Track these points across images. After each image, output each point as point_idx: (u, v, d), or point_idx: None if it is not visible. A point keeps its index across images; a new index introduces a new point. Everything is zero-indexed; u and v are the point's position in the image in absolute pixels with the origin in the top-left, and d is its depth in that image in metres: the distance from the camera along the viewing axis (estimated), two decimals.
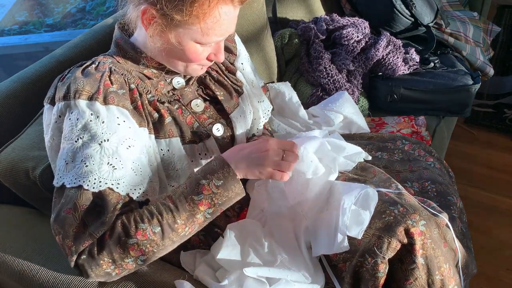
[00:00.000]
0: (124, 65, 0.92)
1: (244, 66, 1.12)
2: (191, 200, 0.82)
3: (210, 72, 1.04)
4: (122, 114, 0.85)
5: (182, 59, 0.90)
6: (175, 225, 0.81)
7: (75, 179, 0.79)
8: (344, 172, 1.07)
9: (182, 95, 0.98)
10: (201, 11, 0.80)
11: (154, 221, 0.80)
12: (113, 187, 0.80)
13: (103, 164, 0.80)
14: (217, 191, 0.83)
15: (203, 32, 0.84)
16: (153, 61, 0.93)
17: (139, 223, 0.79)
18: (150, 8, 0.82)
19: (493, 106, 2.37)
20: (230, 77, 1.07)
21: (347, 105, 1.43)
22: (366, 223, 0.85)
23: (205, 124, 0.98)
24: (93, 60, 0.91)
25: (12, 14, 3.02)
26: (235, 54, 1.12)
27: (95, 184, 0.79)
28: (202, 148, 0.96)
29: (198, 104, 0.99)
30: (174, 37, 0.85)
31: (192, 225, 0.83)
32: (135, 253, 0.79)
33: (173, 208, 0.81)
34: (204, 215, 0.83)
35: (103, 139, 0.81)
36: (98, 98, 0.83)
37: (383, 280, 0.88)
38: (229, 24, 0.86)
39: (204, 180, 0.83)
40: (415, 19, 1.81)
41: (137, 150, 0.85)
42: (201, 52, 0.89)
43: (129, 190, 0.83)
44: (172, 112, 0.94)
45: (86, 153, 0.80)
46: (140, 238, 0.79)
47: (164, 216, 0.80)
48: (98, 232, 0.78)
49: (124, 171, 0.82)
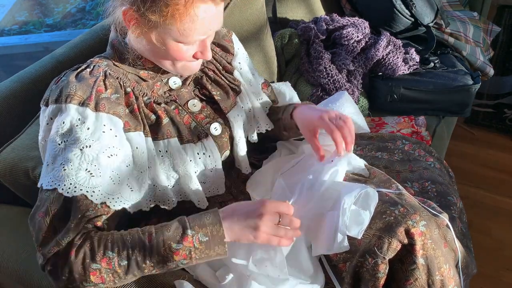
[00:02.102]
0: (120, 68, 0.91)
1: (241, 66, 1.11)
2: (168, 247, 0.77)
3: (207, 72, 1.03)
4: (111, 121, 0.84)
5: (167, 58, 0.89)
6: (143, 264, 0.77)
7: (52, 182, 0.79)
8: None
9: (178, 95, 0.98)
10: (177, 12, 0.78)
11: (123, 254, 0.77)
12: (88, 194, 0.79)
13: (81, 170, 0.79)
14: (199, 247, 0.78)
15: (181, 32, 0.82)
16: (148, 62, 0.92)
17: (107, 250, 0.76)
18: (129, 9, 0.81)
19: (493, 106, 2.37)
20: (227, 76, 1.07)
21: (347, 105, 1.42)
22: (366, 223, 0.85)
23: (203, 124, 0.98)
24: (89, 63, 0.90)
25: (12, 14, 3.02)
26: (232, 54, 1.11)
27: (70, 189, 0.78)
28: (200, 148, 0.96)
29: (195, 104, 0.99)
30: (155, 37, 0.84)
31: (161, 269, 0.80)
32: (96, 279, 0.76)
33: (147, 247, 0.77)
34: (177, 264, 0.79)
35: (85, 145, 0.80)
36: (89, 104, 0.82)
37: (383, 280, 0.88)
38: (210, 22, 0.84)
39: (190, 231, 0.78)
40: (415, 19, 1.81)
41: (120, 159, 0.84)
42: (186, 50, 0.87)
43: (105, 199, 0.81)
44: (169, 112, 0.94)
45: (66, 156, 0.79)
46: (104, 266, 0.76)
47: (136, 252, 0.77)
48: (63, 240, 0.76)
49: (102, 179, 0.81)
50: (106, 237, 0.78)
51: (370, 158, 1.24)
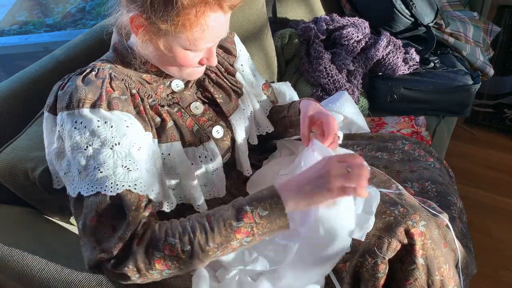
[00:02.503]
0: (123, 70, 0.91)
1: (243, 68, 1.11)
2: (229, 225, 0.76)
3: (209, 74, 1.03)
4: (128, 117, 0.84)
5: (174, 64, 0.89)
6: (206, 247, 0.76)
7: (92, 187, 0.78)
8: None
9: (181, 98, 0.98)
10: (188, 21, 0.79)
11: (185, 239, 0.76)
12: (131, 188, 0.79)
13: (117, 167, 0.79)
14: (260, 222, 0.77)
15: (191, 41, 0.82)
16: (152, 66, 0.92)
17: (169, 237, 0.76)
18: (139, 16, 0.81)
19: (493, 106, 2.37)
20: (229, 79, 1.07)
21: (347, 105, 1.43)
22: (370, 227, 0.85)
23: (205, 127, 0.98)
24: (92, 66, 0.90)
25: (12, 14, 3.02)
26: (235, 56, 1.11)
27: (112, 188, 0.78)
28: (202, 151, 0.95)
29: (198, 107, 0.99)
30: (163, 44, 0.84)
31: (225, 250, 0.78)
32: (161, 267, 0.76)
33: (208, 229, 0.76)
34: (241, 242, 0.78)
35: (114, 143, 0.80)
36: (101, 105, 0.82)
37: (383, 280, 0.88)
38: (219, 30, 0.84)
39: (248, 207, 0.77)
40: (415, 19, 1.81)
41: (147, 151, 0.85)
42: (192, 58, 0.87)
43: (147, 191, 0.82)
44: (172, 115, 0.94)
45: (99, 159, 0.79)
46: (167, 253, 0.76)
47: (197, 235, 0.76)
48: (126, 234, 0.76)
49: (139, 172, 0.81)
50: (166, 225, 0.78)
51: (370, 158, 1.24)
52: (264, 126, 1.13)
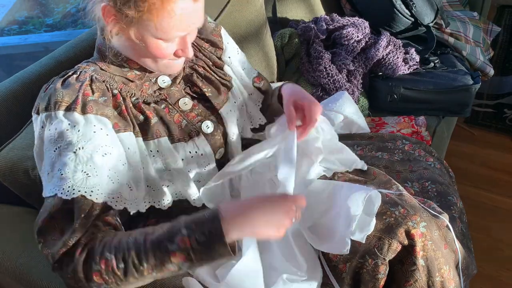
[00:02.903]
0: (107, 71, 0.91)
1: (231, 60, 1.09)
2: (163, 248, 0.73)
3: (197, 69, 1.02)
4: (100, 122, 0.84)
5: (148, 56, 0.88)
6: (140, 267, 0.74)
7: (53, 188, 0.78)
8: (344, 173, 1.07)
9: (168, 94, 0.97)
10: (154, 7, 0.77)
11: (119, 256, 0.74)
12: (86, 194, 0.78)
13: (77, 172, 0.79)
14: (197, 247, 0.72)
15: (160, 28, 0.80)
16: (134, 63, 0.91)
17: (105, 252, 0.74)
18: (107, 5, 0.80)
19: (493, 106, 2.37)
20: (217, 72, 1.05)
21: (347, 105, 1.43)
22: (371, 229, 0.85)
23: (194, 122, 0.97)
24: (76, 69, 0.90)
25: (12, 14, 3.02)
26: (221, 49, 1.09)
27: (69, 191, 0.77)
28: (192, 146, 0.95)
29: (186, 103, 0.98)
30: (133, 33, 0.83)
31: (161, 272, 0.75)
32: (98, 280, 0.74)
33: (143, 249, 0.73)
34: (179, 266, 0.74)
35: (78, 147, 0.80)
36: (76, 108, 0.82)
37: (383, 281, 0.88)
38: (190, 18, 0.82)
39: (185, 230, 0.73)
40: (415, 19, 1.81)
41: (114, 158, 0.83)
42: (165, 47, 0.85)
43: (106, 199, 0.80)
44: (159, 112, 0.93)
45: (62, 162, 0.79)
46: (103, 268, 0.74)
47: (132, 254, 0.73)
48: (70, 240, 0.75)
49: (99, 178, 0.80)
50: (108, 238, 0.77)
51: (370, 158, 1.24)
52: (257, 119, 1.11)
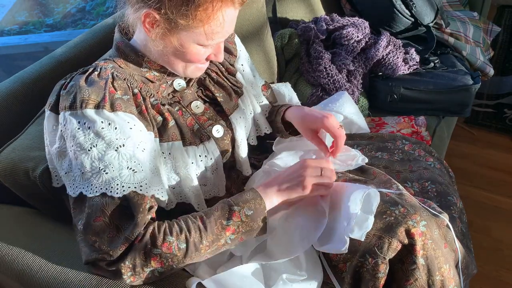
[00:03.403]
0: (126, 69, 0.91)
1: (244, 68, 1.12)
2: (220, 224, 0.84)
3: (210, 73, 1.03)
4: (132, 118, 0.85)
5: (183, 61, 0.90)
6: (200, 245, 0.82)
7: (97, 188, 0.79)
8: (345, 173, 1.07)
9: (182, 96, 0.98)
10: (205, 15, 0.81)
11: (181, 237, 0.81)
12: (137, 190, 0.81)
13: (123, 169, 0.81)
14: (245, 220, 0.85)
15: (207, 35, 0.84)
16: (155, 64, 0.92)
17: (167, 235, 0.80)
18: (153, 12, 0.81)
19: (493, 106, 2.37)
20: (230, 78, 1.07)
21: (347, 105, 1.43)
22: (369, 227, 0.85)
23: (205, 126, 0.98)
24: (95, 66, 0.89)
25: (12, 14, 3.02)
26: (235, 56, 1.12)
27: (118, 189, 0.80)
28: (202, 150, 0.96)
29: (198, 106, 0.99)
30: (176, 40, 0.85)
31: (214, 248, 0.85)
32: (156, 264, 0.80)
33: (202, 228, 0.83)
34: (226, 240, 0.85)
35: (119, 145, 0.81)
36: (105, 106, 0.82)
37: (383, 280, 0.88)
38: (230, 25, 0.87)
39: (236, 207, 0.85)
40: (415, 19, 1.81)
41: (150, 152, 0.86)
42: (203, 53, 0.89)
43: (153, 191, 0.84)
44: (173, 114, 0.94)
45: (104, 160, 0.80)
46: (164, 251, 0.80)
47: (192, 234, 0.82)
48: (133, 235, 0.79)
49: (144, 173, 0.83)
50: (164, 224, 0.82)
51: (370, 158, 1.24)
52: (263, 127, 1.13)
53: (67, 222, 1.08)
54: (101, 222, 0.79)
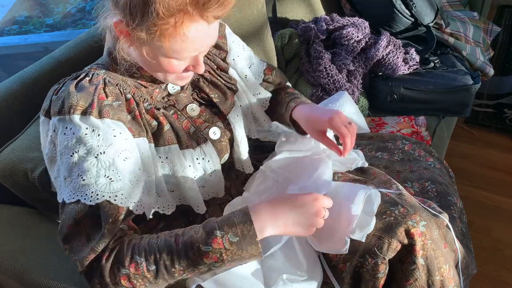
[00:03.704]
0: (118, 75, 0.90)
1: (236, 61, 1.08)
2: (197, 249, 0.75)
3: (203, 74, 1.02)
4: (118, 126, 0.83)
5: (159, 70, 0.87)
6: (172, 268, 0.76)
7: (73, 194, 0.78)
8: (345, 173, 1.07)
9: (177, 100, 0.97)
10: (166, 31, 0.75)
11: (151, 258, 0.75)
12: (111, 199, 0.78)
13: (100, 177, 0.78)
14: (230, 248, 0.75)
15: (172, 50, 0.79)
16: (145, 71, 0.90)
17: (135, 255, 0.75)
18: (120, 22, 0.79)
19: (493, 106, 2.37)
20: (222, 76, 1.05)
21: (347, 105, 1.43)
22: (371, 228, 0.85)
23: (201, 128, 0.97)
24: (87, 71, 0.89)
25: (12, 14, 3.02)
26: (226, 51, 1.08)
27: (92, 197, 0.77)
28: (199, 153, 0.95)
29: (194, 109, 0.98)
30: (145, 52, 0.82)
31: (191, 273, 0.78)
32: (127, 284, 0.75)
33: (175, 251, 0.75)
34: (209, 267, 0.77)
35: (99, 152, 0.79)
36: (92, 112, 0.81)
37: (383, 280, 0.88)
38: (202, 40, 0.81)
39: (219, 232, 0.75)
40: (415, 19, 1.81)
41: (133, 162, 0.83)
42: (177, 65, 0.84)
43: (128, 202, 0.81)
44: (169, 118, 0.93)
45: (82, 167, 0.78)
46: (132, 271, 0.75)
47: (163, 256, 0.75)
48: (99, 246, 0.75)
49: (122, 183, 0.80)
50: (135, 242, 0.78)
51: (370, 158, 1.24)
52: (262, 120, 1.12)
53: None
54: (73, 230, 0.77)
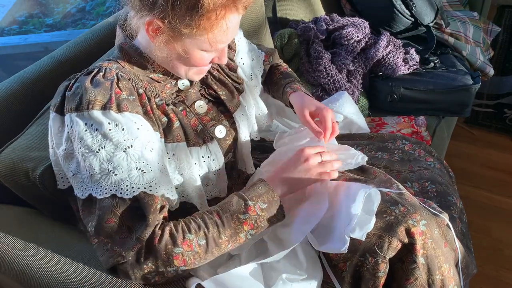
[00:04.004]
0: (130, 70, 0.91)
1: (243, 61, 1.12)
2: (236, 219, 0.84)
3: (211, 71, 1.03)
4: (138, 119, 0.85)
5: (186, 65, 0.90)
6: (219, 240, 0.83)
7: (106, 189, 0.79)
8: (345, 172, 1.07)
9: (186, 96, 0.98)
10: (209, 24, 0.80)
11: (200, 233, 0.82)
12: (146, 190, 0.81)
13: (132, 170, 0.80)
14: (262, 214, 0.86)
15: (211, 42, 0.84)
16: (159, 66, 0.92)
17: (186, 233, 0.81)
18: (157, 21, 0.81)
19: (493, 106, 2.37)
20: (231, 75, 1.07)
21: (347, 105, 1.43)
22: (371, 227, 0.85)
23: (208, 126, 0.98)
24: (99, 67, 0.89)
25: (12, 14, 3.02)
26: (235, 50, 1.11)
27: (128, 190, 0.79)
28: (205, 151, 0.96)
29: (202, 106, 0.99)
30: (180, 47, 0.85)
31: (234, 243, 0.85)
32: (178, 263, 0.80)
33: (219, 223, 0.83)
34: (246, 235, 0.86)
35: (127, 146, 0.81)
36: (111, 107, 0.82)
37: (383, 279, 0.88)
38: (234, 31, 0.86)
39: (251, 202, 0.86)
40: (415, 19, 1.81)
41: (158, 152, 0.86)
42: (207, 58, 0.89)
43: (163, 191, 0.83)
44: (178, 114, 0.94)
45: (112, 162, 0.80)
46: (185, 249, 0.80)
47: (210, 230, 0.83)
48: (144, 235, 0.78)
49: (153, 173, 0.82)
50: (180, 223, 0.83)
51: (370, 158, 1.24)
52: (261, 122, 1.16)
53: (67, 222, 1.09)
54: (113, 224, 0.79)
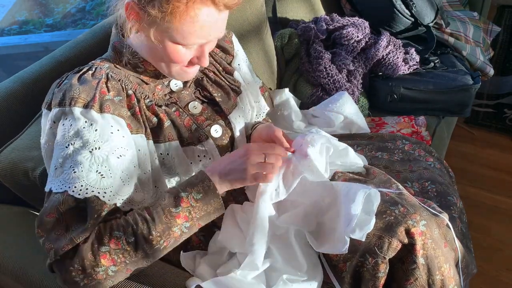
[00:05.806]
0: (121, 70, 0.91)
1: (241, 67, 1.11)
2: (168, 212, 0.80)
3: (207, 73, 1.03)
4: (117, 123, 0.84)
5: (163, 60, 0.88)
6: (149, 236, 0.78)
7: (62, 185, 0.78)
8: (345, 173, 1.07)
9: (179, 97, 0.97)
10: (177, 10, 0.77)
11: (128, 230, 0.78)
12: (99, 195, 0.79)
13: (91, 172, 0.79)
14: (196, 205, 0.82)
15: (180, 33, 0.81)
16: (149, 65, 0.91)
17: (114, 231, 0.78)
18: (131, 2, 0.80)
19: (493, 106, 2.37)
20: (227, 77, 1.07)
21: (348, 106, 1.43)
22: (371, 227, 0.85)
23: (203, 126, 0.98)
24: (90, 65, 0.89)
25: (12, 14, 3.02)
26: (232, 55, 1.11)
27: (81, 191, 0.78)
28: (201, 150, 0.96)
29: (196, 106, 0.99)
30: (153, 34, 0.83)
31: (167, 238, 0.81)
32: (107, 262, 0.76)
33: (149, 219, 0.79)
34: (181, 228, 0.82)
35: (94, 147, 0.80)
36: (93, 106, 0.82)
37: (383, 280, 0.88)
38: (211, 28, 0.83)
39: (183, 193, 0.82)
40: (415, 19, 1.81)
41: (128, 160, 0.84)
42: (183, 53, 0.86)
43: (116, 200, 0.81)
44: (170, 115, 0.93)
45: (75, 159, 0.79)
46: (113, 247, 0.77)
47: (139, 226, 0.78)
48: (78, 238, 0.76)
49: (112, 180, 0.81)
50: (109, 223, 0.80)
51: (370, 158, 1.24)
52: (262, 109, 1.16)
53: None
54: (52, 219, 0.77)
